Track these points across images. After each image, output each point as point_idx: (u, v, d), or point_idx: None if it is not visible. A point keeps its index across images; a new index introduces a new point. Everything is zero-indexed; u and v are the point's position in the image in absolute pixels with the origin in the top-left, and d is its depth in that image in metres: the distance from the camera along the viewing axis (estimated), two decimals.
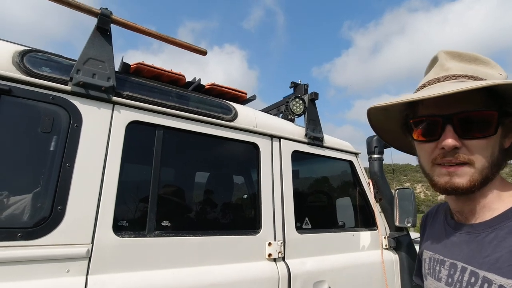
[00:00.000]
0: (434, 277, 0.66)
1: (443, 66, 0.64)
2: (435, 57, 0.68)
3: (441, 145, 0.58)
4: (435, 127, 0.60)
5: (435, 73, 0.64)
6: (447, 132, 0.58)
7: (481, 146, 0.57)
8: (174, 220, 1.29)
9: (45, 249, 0.95)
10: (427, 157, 0.62)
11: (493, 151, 0.58)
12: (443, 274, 0.63)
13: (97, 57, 1.17)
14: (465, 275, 0.58)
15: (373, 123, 0.75)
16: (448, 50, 0.65)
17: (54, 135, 1.06)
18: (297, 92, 2.00)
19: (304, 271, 1.47)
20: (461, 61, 0.63)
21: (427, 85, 0.65)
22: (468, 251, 0.59)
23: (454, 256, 0.62)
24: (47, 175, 1.02)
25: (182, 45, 1.45)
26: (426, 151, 0.63)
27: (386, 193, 2.04)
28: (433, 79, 0.64)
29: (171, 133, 1.33)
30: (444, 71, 0.63)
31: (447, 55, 0.65)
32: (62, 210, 1.00)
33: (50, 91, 1.06)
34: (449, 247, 0.64)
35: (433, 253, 0.69)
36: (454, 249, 0.63)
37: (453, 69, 0.62)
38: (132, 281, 1.06)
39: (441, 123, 0.59)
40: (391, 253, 1.90)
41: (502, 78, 0.60)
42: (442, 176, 0.59)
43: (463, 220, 0.64)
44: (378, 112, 0.71)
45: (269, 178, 1.53)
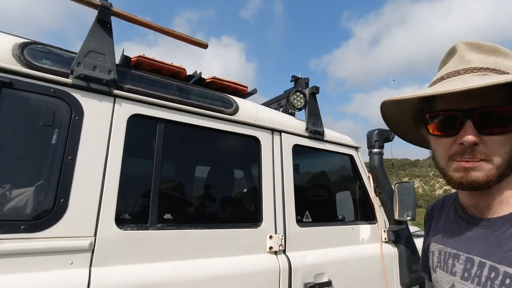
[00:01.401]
0: (447, 270, 0.65)
1: (464, 58, 0.61)
2: (453, 48, 0.65)
3: (460, 141, 0.56)
4: (454, 122, 0.58)
5: (455, 65, 0.62)
6: (467, 127, 0.56)
7: (500, 142, 0.56)
8: (176, 213, 1.30)
9: (48, 242, 0.96)
10: (444, 152, 0.61)
11: (511, 147, 0.57)
12: (458, 268, 0.62)
13: (98, 50, 1.16)
14: (484, 270, 0.57)
15: (385, 116, 0.73)
16: (467, 41, 0.63)
17: (56, 128, 1.06)
18: (298, 86, 1.99)
19: (304, 264, 1.49)
20: (481, 52, 0.61)
21: (445, 77, 0.62)
22: (485, 246, 0.58)
23: (470, 251, 0.61)
24: (49, 168, 1.02)
25: (183, 38, 1.44)
26: (443, 146, 0.61)
27: (386, 187, 2.05)
28: (453, 72, 0.61)
29: (172, 126, 1.33)
30: (464, 63, 0.60)
31: (467, 46, 0.62)
32: (65, 203, 1.01)
33: (51, 84, 1.06)
34: (464, 241, 0.63)
35: (443, 246, 0.68)
36: (469, 243, 0.61)
37: (474, 61, 0.60)
38: (134, 273, 1.07)
39: (461, 118, 0.57)
40: (390, 246, 1.92)
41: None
42: (458, 171, 0.58)
43: (478, 214, 0.63)
44: (392, 104, 0.69)
45: (270, 171, 1.54)
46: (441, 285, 0.67)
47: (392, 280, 1.84)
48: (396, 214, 1.88)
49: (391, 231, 1.94)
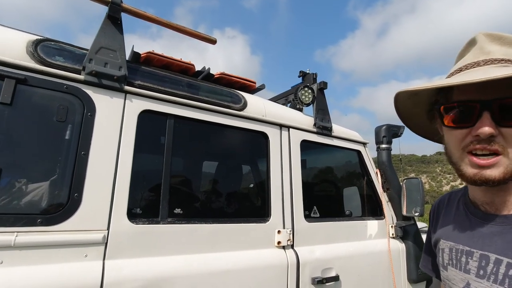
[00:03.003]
0: (460, 268, 0.64)
1: (483, 49, 0.60)
2: (473, 39, 0.63)
3: (477, 132, 0.55)
4: (471, 113, 0.56)
5: (474, 56, 0.60)
6: (484, 118, 0.54)
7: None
8: (186, 208, 1.32)
9: (63, 235, 0.98)
10: (458, 143, 0.59)
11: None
12: (472, 265, 0.61)
13: (109, 46, 1.18)
14: (500, 267, 0.55)
15: (399, 108, 0.71)
16: (488, 32, 0.61)
17: (69, 124, 1.07)
18: (306, 82, 1.98)
19: (312, 259, 1.50)
20: (502, 44, 0.59)
21: (464, 69, 0.61)
22: (503, 243, 0.56)
23: (485, 248, 0.59)
24: (63, 163, 1.05)
25: (192, 33, 1.44)
26: (457, 137, 0.59)
27: (393, 182, 2.04)
28: (472, 63, 0.60)
29: (182, 122, 1.34)
30: (484, 55, 0.59)
31: (487, 37, 0.61)
32: (79, 197, 1.03)
33: (63, 81, 1.07)
34: (477, 238, 0.62)
35: (454, 243, 0.67)
36: (484, 240, 0.60)
37: (495, 52, 0.58)
38: (146, 266, 1.09)
39: (478, 109, 0.55)
40: (397, 242, 1.92)
41: None
42: (472, 167, 0.57)
43: (493, 211, 0.61)
44: (406, 96, 0.67)
45: (278, 167, 1.55)
46: (454, 283, 0.65)
47: (400, 276, 1.84)
48: (404, 210, 1.88)
49: (398, 226, 1.94)
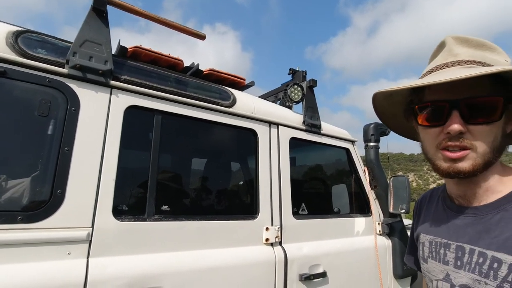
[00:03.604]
0: (439, 260, 0.66)
1: (452, 52, 0.63)
2: (442, 42, 0.67)
3: (447, 130, 0.59)
4: (441, 112, 0.60)
5: (444, 58, 0.64)
6: (453, 117, 0.58)
7: (485, 132, 0.58)
8: (173, 205, 1.31)
9: (45, 232, 0.96)
10: (432, 141, 0.63)
11: (495, 137, 0.59)
12: (450, 257, 0.64)
13: (94, 40, 1.15)
14: (473, 257, 0.58)
15: (377, 109, 0.75)
16: (455, 35, 0.65)
17: (52, 119, 1.05)
18: (296, 79, 1.99)
19: (300, 255, 1.51)
20: (469, 46, 0.63)
21: (434, 70, 0.64)
22: (474, 233, 0.60)
23: (460, 239, 0.62)
24: (45, 159, 1.02)
25: (180, 28, 1.42)
26: (431, 135, 0.63)
27: (381, 180, 2.07)
28: (442, 65, 0.63)
29: (169, 118, 1.32)
30: (452, 57, 0.63)
31: (455, 40, 0.64)
32: (62, 194, 1.00)
33: (46, 74, 1.04)
34: (453, 230, 0.65)
35: (433, 236, 0.70)
36: (459, 231, 0.63)
37: (462, 54, 0.62)
38: (132, 264, 1.08)
39: (448, 108, 0.59)
40: (384, 238, 1.95)
41: (507, 64, 0.60)
42: (445, 161, 0.60)
43: (465, 203, 0.65)
44: (383, 97, 0.71)
45: (267, 164, 1.55)
46: (434, 274, 0.68)
47: (386, 272, 1.87)
48: (391, 207, 1.91)
49: (385, 223, 1.97)
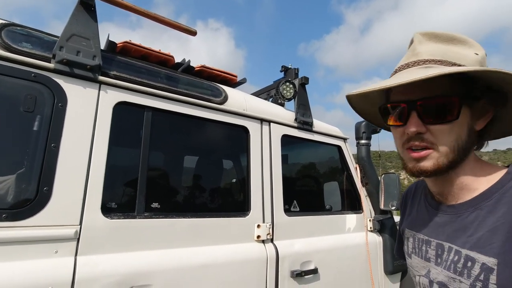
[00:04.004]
0: (422, 257, 0.67)
1: (414, 51, 0.63)
2: (411, 39, 0.66)
3: (406, 131, 0.60)
4: (402, 113, 0.61)
5: (407, 58, 0.64)
6: (411, 118, 0.59)
7: (445, 131, 0.58)
8: (164, 202, 1.29)
9: (31, 230, 0.94)
10: (399, 141, 0.64)
11: (458, 135, 0.59)
12: (431, 254, 0.64)
13: (81, 34, 1.12)
14: (450, 255, 0.59)
15: (356, 108, 0.76)
16: (424, 31, 0.63)
17: (38, 115, 1.02)
18: (288, 76, 1.99)
19: (292, 252, 1.51)
20: (437, 42, 0.61)
21: (398, 70, 0.65)
22: (452, 231, 0.61)
23: (439, 237, 0.63)
24: (31, 156, 1.00)
25: (171, 24, 1.41)
26: (398, 135, 0.64)
27: (372, 177, 2.09)
28: (403, 65, 0.64)
29: (160, 115, 1.31)
30: (414, 56, 0.62)
31: (423, 36, 0.63)
32: (48, 191, 0.99)
33: (31, 68, 1.02)
34: (433, 227, 0.66)
35: (416, 232, 0.71)
36: (438, 229, 0.64)
37: (423, 53, 0.61)
38: (121, 262, 1.06)
39: (407, 109, 0.60)
40: (375, 235, 1.97)
41: (477, 57, 0.59)
42: (410, 161, 0.62)
43: (444, 201, 0.65)
44: (359, 98, 0.71)
45: (258, 161, 1.54)
46: (417, 270, 0.69)
47: (376, 268, 1.89)
48: (382, 204, 1.93)
49: (376, 220, 1.99)
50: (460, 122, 0.58)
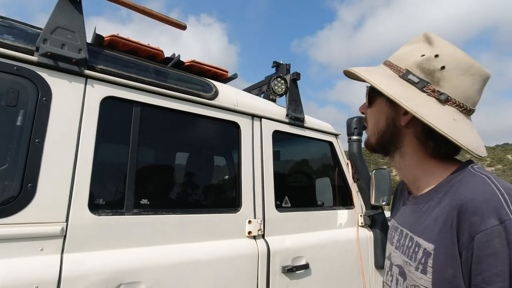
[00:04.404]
0: (390, 242, 0.74)
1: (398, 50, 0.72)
2: None
3: None
4: None
5: None
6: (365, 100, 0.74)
7: (369, 114, 0.73)
8: (154, 198, 1.28)
9: (15, 228, 0.91)
10: None
11: (376, 121, 0.70)
12: (395, 239, 0.72)
13: (66, 27, 1.09)
14: (406, 240, 0.66)
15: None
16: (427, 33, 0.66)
17: (21, 109, 0.99)
18: (279, 72, 1.98)
19: (283, 248, 1.51)
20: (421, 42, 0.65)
21: None
22: (412, 220, 0.67)
23: (404, 224, 0.70)
24: (14, 151, 0.97)
25: (160, 17, 1.38)
26: None
27: (363, 173, 2.10)
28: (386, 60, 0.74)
29: (149, 110, 1.28)
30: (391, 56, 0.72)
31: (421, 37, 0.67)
32: (33, 188, 0.96)
33: (13, 61, 0.99)
34: (403, 216, 0.72)
35: (394, 221, 0.77)
36: (405, 217, 0.71)
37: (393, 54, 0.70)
38: (110, 259, 1.05)
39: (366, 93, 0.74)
40: (366, 230, 1.99)
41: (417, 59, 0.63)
42: None
43: (412, 192, 0.72)
44: None
45: (249, 157, 1.54)
46: (388, 253, 0.76)
47: (367, 262, 1.91)
48: (373, 199, 1.94)
49: (367, 215, 2.00)
50: (376, 110, 0.70)
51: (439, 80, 0.60)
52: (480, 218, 0.50)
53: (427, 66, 0.61)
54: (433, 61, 0.61)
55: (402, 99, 0.60)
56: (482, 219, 0.50)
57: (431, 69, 0.61)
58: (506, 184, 0.54)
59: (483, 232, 0.49)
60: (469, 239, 0.51)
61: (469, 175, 0.58)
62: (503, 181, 0.56)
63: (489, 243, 0.49)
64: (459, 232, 0.53)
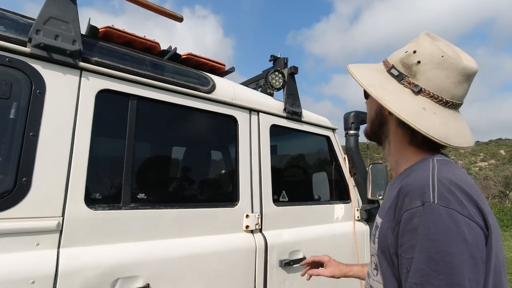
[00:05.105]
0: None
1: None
2: None
3: None
4: None
5: None
6: None
7: (367, 105, 0.81)
8: (151, 193, 1.27)
9: (10, 223, 0.90)
10: None
11: (369, 110, 0.79)
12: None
13: (60, 17, 1.07)
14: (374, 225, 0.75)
15: None
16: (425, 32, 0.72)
17: (14, 102, 0.97)
18: (277, 66, 1.96)
19: (280, 242, 1.52)
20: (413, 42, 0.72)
21: None
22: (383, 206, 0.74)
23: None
24: (8, 145, 0.95)
25: (156, 9, 1.35)
26: None
27: (360, 168, 2.11)
28: None
29: (145, 103, 1.27)
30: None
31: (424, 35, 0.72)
32: (28, 182, 0.94)
33: (5, 53, 0.96)
34: None
35: None
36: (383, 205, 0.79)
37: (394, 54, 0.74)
38: (107, 254, 1.04)
39: None
40: (362, 224, 2.00)
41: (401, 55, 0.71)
42: None
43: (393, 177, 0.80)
44: None
45: (247, 151, 1.53)
46: None
47: (363, 256, 1.93)
48: (369, 193, 1.95)
49: (363, 209, 2.02)
50: (370, 101, 0.78)
51: (415, 73, 0.67)
52: (409, 199, 0.59)
53: (406, 61, 0.69)
54: (411, 57, 0.68)
55: (370, 87, 0.68)
56: (411, 200, 0.58)
57: (409, 64, 0.68)
58: (446, 174, 0.60)
59: (409, 211, 0.58)
60: (399, 216, 0.60)
61: (424, 163, 0.65)
62: (446, 170, 0.61)
63: (411, 220, 0.57)
64: (396, 211, 0.61)
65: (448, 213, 0.53)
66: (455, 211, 0.54)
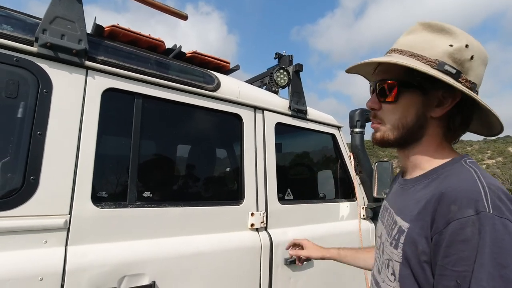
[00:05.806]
0: (381, 221, 0.78)
1: (398, 40, 0.71)
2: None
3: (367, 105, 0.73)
4: (371, 90, 0.74)
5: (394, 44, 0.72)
6: (372, 95, 0.72)
7: (390, 110, 0.68)
8: (156, 191, 1.27)
9: (18, 220, 0.91)
10: None
11: (402, 116, 0.67)
12: (385, 218, 0.75)
13: (66, 17, 1.07)
14: (390, 219, 0.71)
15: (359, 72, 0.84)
16: (423, 21, 0.67)
17: (21, 101, 0.98)
18: (282, 64, 1.95)
19: (285, 240, 1.51)
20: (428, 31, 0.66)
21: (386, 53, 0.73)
22: (398, 200, 0.72)
23: (391, 204, 0.74)
24: (16, 144, 0.96)
25: (160, 7, 1.35)
26: None
27: (366, 166, 2.10)
28: (389, 49, 0.72)
29: (150, 102, 1.27)
30: (395, 44, 0.71)
31: (420, 26, 0.68)
32: (35, 181, 0.96)
33: (13, 52, 0.97)
34: (393, 196, 0.77)
35: (385, 201, 0.82)
36: (394, 198, 0.76)
37: (398, 43, 0.69)
38: (113, 251, 1.05)
39: (372, 87, 0.72)
40: (368, 222, 1.99)
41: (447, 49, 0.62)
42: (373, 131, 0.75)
43: (405, 176, 0.75)
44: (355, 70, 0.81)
45: (252, 149, 1.53)
46: (377, 232, 0.80)
47: None
48: (375, 191, 1.94)
49: (369, 208, 2.00)
50: (403, 104, 0.67)
51: (468, 69, 0.62)
52: (458, 207, 0.54)
53: (458, 56, 0.62)
54: (464, 52, 0.62)
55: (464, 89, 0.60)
56: (460, 208, 0.53)
57: (462, 59, 0.62)
58: (490, 180, 0.57)
59: (459, 220, 0.53)
60: (444, 224, 0.54)
61: (459, 167, 0.62)
62: (489, 177, 0.58)
63: (463, 230, 0.52)
64: (435, 217, 0.56)
65: (503, 224, 0.51)
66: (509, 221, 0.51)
